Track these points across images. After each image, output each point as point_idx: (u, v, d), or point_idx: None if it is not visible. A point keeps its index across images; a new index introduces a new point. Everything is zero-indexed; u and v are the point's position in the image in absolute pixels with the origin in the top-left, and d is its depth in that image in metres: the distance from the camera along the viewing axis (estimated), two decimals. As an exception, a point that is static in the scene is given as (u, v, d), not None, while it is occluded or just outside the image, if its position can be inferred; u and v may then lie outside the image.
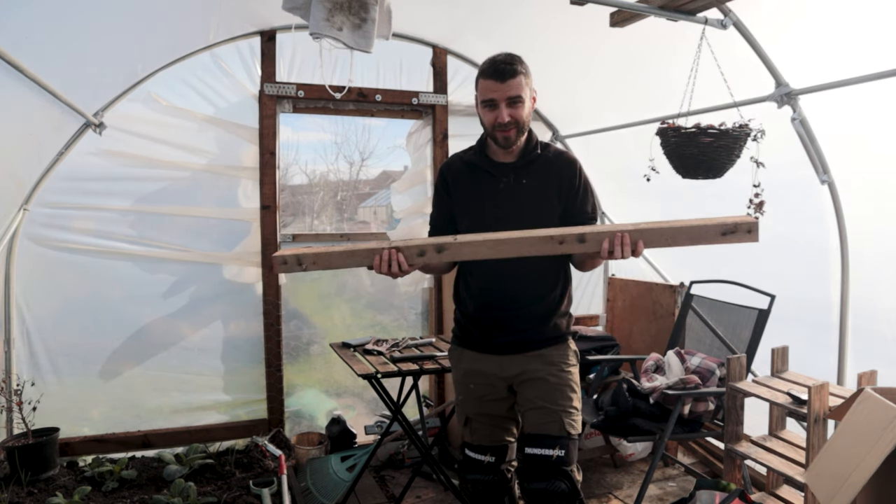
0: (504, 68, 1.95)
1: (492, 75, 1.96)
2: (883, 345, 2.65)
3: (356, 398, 4.03)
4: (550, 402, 2.04)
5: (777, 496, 2.59)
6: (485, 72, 1.99)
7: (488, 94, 1.98)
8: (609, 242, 1.75)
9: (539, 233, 1.78)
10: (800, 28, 2.43)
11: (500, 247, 1.79)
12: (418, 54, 3.89)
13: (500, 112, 1.97)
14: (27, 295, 3.25)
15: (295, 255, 1.82)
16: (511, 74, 1.95)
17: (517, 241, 1.77)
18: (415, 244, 1.82)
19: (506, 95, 1.96)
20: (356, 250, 1.83)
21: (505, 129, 1.99)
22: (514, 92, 1.96)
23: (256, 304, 3.65)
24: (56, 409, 3.27)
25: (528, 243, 1.77)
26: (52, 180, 3.20)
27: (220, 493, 3.03)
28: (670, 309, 3.71)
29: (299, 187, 4.38)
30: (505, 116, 1.97)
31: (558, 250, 1.80)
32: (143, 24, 2.86)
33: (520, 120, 1.99)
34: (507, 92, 1.96)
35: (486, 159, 2.11)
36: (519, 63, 1.98)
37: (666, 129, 2.48)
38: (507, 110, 1.97)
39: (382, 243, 1.84)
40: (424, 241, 1.86)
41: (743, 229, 1.74)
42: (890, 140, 2.43)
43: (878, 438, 1.62)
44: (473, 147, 2.17)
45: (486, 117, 2.01)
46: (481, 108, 2.02)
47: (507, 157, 2.09)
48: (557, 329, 2.12)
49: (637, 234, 1.75)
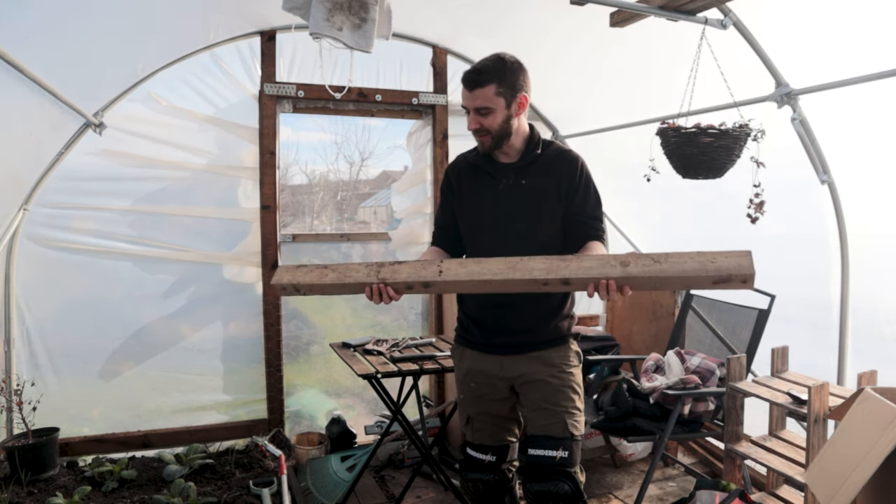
0: (471, 77, 1.96)
1: (464, 82, 1.99)
2: (883, 345, 2.65)
3: (356, 398, 4.02)
4: (553, 404, 2.04)
5: (777, 496, 2.59)
6: (463, 78, 2.00)
7: (464, 101, 2.02)
8: (594, 288, 1.68)
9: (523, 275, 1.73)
10: (800, 28, 2.43)
11: (484, 286, 1.78)
12: (418, 54, 3.90)
13: (471, 119, 2.00)
14: (27, 295, 3.25)
15: (292, 284, 1.87)
16: (477, 84, 1.95)
17: (501, 282, 1.75)
18: (402, 279, 1.81)
19: (473, 105, 1.98)
20: (347, 283, 1.85)
21: (478, 136, 2.02)
22: (480, 102, 1.97)
23: (256, 304, 3.65)
24: (56, 409, 3.27)
25: (511, 284, 1.75)
26: (52, 180, 3.20)
27: (220, 493, 3.03)
28: (670, 309, 3.71)
29: (299, 187, 4.38)
30: (472, 124, 2.00)
31: (543, 290, 1.77)
32: (143, 24, 2.86)
33: (491, 128, 1.99)
34: (473, 101, 1.98)
35: (488, 160, 2.11)
36: (492, 71, 1.95)
37: (666, 129, 2.48)
38: (476, 118, 1.98)
39: (372, 271, 1.83)
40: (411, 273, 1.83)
41: (737, 279, 1.62)
42: (890, 140, 2.43)
43: (878, 438, 1.62)
44: (477, 147, 2.17)
45: (467, 122, 2.05)
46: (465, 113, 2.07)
47: (508, 157, 2.09)
48: (559, 330, 2.12)
49: (624, 280, 1.67)
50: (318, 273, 1.86)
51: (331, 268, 1.87)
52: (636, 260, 1.68)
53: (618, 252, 1.84)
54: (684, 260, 1.66)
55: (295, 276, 1.87)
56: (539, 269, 1.72)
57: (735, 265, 1.62)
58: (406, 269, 1.83)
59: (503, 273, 1.74)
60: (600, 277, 1.66)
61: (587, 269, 1.69)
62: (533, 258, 1.75)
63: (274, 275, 1.93)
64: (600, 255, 1.75)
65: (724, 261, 1.64)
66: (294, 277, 1.87)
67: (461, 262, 1.81)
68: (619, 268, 1.68)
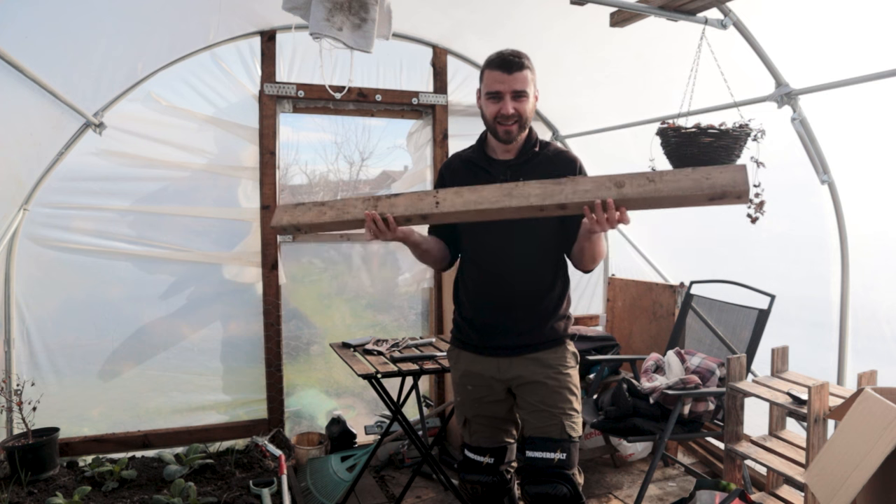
0: (512, 60, 1.95)
1: (499, 66, 1.95)
2: (883, 345, 2.65)
3: (356, 398, 4.02)
4: (550, 406, 2.04)
5: (777, 496, 2.59)
6: (492, 62, 1.98)
7: (494, 86, 1.96)
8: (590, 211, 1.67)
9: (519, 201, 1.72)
10: (800, 28, 2.43)
11: (481, 215, 1.76)
12: (418, 54, 3.90)
13: (504, 104, 1.96)
14: (27, 295, 3.25)
15: (292, 224, 1.87)
16: (518, 67, 1.95)
17: (498, 210, 1.73)
18: (400, 212, 1.80)
19: (511, 88, 1.95)
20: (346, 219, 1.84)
21: (506, 123, 1.98)
22: (520, 86, 1.95)
23: (256, 304, 3.65)
24: (56, 409, 3.27)
25: (508, 211, 1.73)
26: (52, 180, 3.20)
27: (220, 493, 3.03)
28: (670, 309, 3.71)
29: (299, 187, 4.37)
30: (510, 108, 1.95)
31: (539, 215, 1.75)
32: (142, 24, 2.86)
33: (523, 114, 1.98)
34: (512, 84, 1.95)
35: (485, 156, 2.11)
36: (526, 58, 1.98)
37: (666, 129, 2.47)
38: (511, 103, 1.96)
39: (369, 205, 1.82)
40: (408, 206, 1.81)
41: (732, 195, 1.59)
42: (890, 140, 2.43)
43: (878, 438, 1.62)
44: (473, 145, 2.17)
45: (488, 109, 2.00)
46: (485, 99, 2.00)
47: (506, 154, 2.08)
48: (555, 331, 2.11)
49: (620, 201, 1.64)
50: (316, 212, 1.86)
51: (328, 205, 1.86)
52: (631, 180, 1.66)
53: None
54: (679, 178, 1.64)
55: (294, 215, 1.87)
56: (535, 195, 1.71)
57: (730, 180, 1.60)
58: (403, 200, 1.82)
59: (499, 200, 1.73)
60: (595, 199, 1.65)
61: (583, 193, 1.68)
62: (528, 183, 1.74)
63: (273, 216, 1.92)
64: (595, 178, 1.70)
65: (718, 176, 1.62)
66: (293, 217, 1.87)
67: (457, 192, 1.79)
68: (614, 189, 1.66)
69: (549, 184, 1.72)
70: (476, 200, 1.75)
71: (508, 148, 2.07)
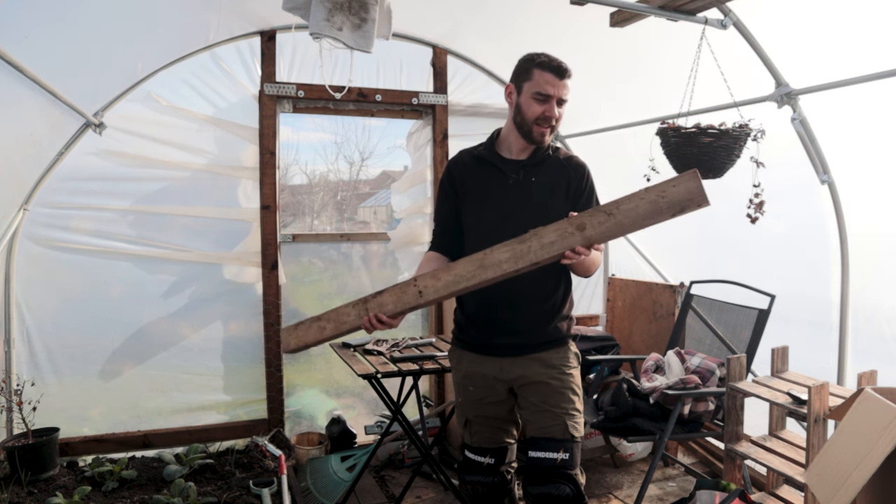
0: (564, 66, 1.98)
1: (553, 70, 1.96)
2: (883, 345, 2.65)
3: (356, 398, 4.02)
4: (553, 406, 2.04)
5: (777, 496, 2.59)
6: (544, 64, 1.97)
7: (546, 88, 1.96)
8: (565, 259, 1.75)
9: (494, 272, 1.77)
10: (800, 28, 2.43)
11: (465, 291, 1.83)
12: (418, 54, 3.89)
13: (551, 107, 1.97)
14: (27, 295, 3.25)
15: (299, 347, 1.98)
16: (568, 75, 1.99)
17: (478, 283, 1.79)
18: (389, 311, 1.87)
19: (560, 94, 1.98)
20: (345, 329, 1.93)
21: (546, 125, 2.00)
22: (566, 94, 2.00)
23: (256, 303, 3.65)
24: (56, 409, 3.27)
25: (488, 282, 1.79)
26: (52, 180, 3.20)
27: (220, 493, 3.03)
28: (670, 309, 3.71)
29: (299, 187, 4.38)
30: (556, 112, 1.98)
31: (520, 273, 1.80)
32: (143, 24, 2.86)
33: (559, 121, 2.02)
34: (561, 91, 1.98)
35: (497, 155, 2.10)
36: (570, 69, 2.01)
37: (666, 129, 2.48)
38: (555, 108, 1.98)
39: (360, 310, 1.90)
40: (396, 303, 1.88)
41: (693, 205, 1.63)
42: (890, 140, 2.43)
43: (878, 438, 1.62)
44: (483, 143, 2.16)
45: (531, 108, 1.99)
46: (529, 97, 1.99)
47: (519, 154, 2.08)
48: (558, 332, 2.11)
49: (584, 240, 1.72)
50: (317, 328, 1.95)
51: (324, 318, 1.95)
52: (590, 219, 1.72)
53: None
54: (636, 204, 1.67)
55: (299, 337, 1.97)
56: (506, 262, 1.76)
57: (684, 193, 1.63)
58: (389, 298, 1.89)
59: (475, 275, 1.79)
60: (564, 251, 1.72)
61: (549, 246, 1.74)
62: (495, 249, 1.78)
63: (281, 343, 2.05)
64: (556, 225, 1.75)
65: (673, 191, 1.64)
66: (299, 339, 1.97)
67: (434, 275, 1.85)
68: (577, 234, 1.72)
69: (515, 243, 1.77)
70: (453, 281, 1.81)
71: (524, 149, 2.07)
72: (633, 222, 1.68)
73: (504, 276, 1.77)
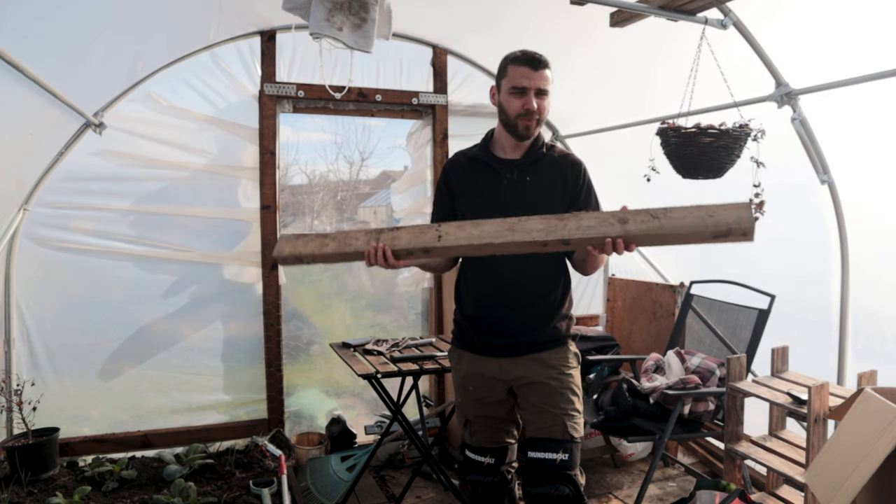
0: (537, 58, 1.98)
1: (526, 63, 1.97)
2: (883, 345, 2.65)
3: (356, 398, 4.03)
4: (553, 406, 2.04)
5: (777, 496, 2.59)
6: (517, 59, 1.99)
7: (520, 81, 1.97)
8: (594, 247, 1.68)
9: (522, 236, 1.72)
10: (800, 28, 2.43)
11: (483, 249, 1.76)
12: (418, 54, 3.89)
13: (528, 99, 1.97)
14: (27, 295, 3.25)
15: (293, 255, 1.87)
16: (543, 66, 1.98)
17: (501, 245, 1.73)
18: (402, 245, 1.80)
19: (536, 85, 1.97)
20: (348, 252, 1.84)
21: (528, 118, 1.99)
22: (544, 83, 1.98)
23: (256, 304, 3.65)
24: (56, 409, 3.27)
25: (510, 246, 1.73)
26: (52, 180, 3.20)
27: (220, 493, 3.03)
28: (670, 309, 3.71)
29: (299, 187, 4.37)
30: (534, 104, 1.97)
31: (543, 251, 1.75)
32: (143, 24, 2.86)
33: (543, 112, 2.01)
34: (538, 82, 1.97)
35: (491, 155, 2.11)
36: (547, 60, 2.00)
37: (666, 129, 2.48)
38: (535, 99, 1.97)
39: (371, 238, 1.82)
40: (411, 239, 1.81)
41: (737, 233, 1.57)
42: (890, 140, 2.43)
43: (878, 438, 1.62)
44: (478, 144, 2.16)
45: (511, 104, 2.00)
46: (507, 94, 2.00)
47: (513, 153, 2.08)
48: (557, 331, 2.11)
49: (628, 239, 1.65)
50: (318, 243, 1.86)
51: (331, 236, 1.87)
52: (634, 217, 1.66)
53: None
54: (683, 215, 1.62)
55: (296, 246, 1.88)
56: (538, 230, 1.70)
57: (734, 218, 1.58)
58: (405, 234, 1.82)
59: (502, 235, 1.73)
60: (599, 237, 1.66)
61: (586, 229, 1.68)
62: (531, 218, 1.73)
63: (275, 246, 1.93)
64: (598, 213, 1.71)
65: (722, 214, 1.59)
66: (295, 248, 1.88)
67: (459, 226, 1.79)
68: (617, 226, 1.66)
69: (553, 219, 1.71)
70: (478, 235, 1.75)
71: (517, 147, 2.07)
72: (673, 232, 1.62)
73: (530, 245, 1.71)
